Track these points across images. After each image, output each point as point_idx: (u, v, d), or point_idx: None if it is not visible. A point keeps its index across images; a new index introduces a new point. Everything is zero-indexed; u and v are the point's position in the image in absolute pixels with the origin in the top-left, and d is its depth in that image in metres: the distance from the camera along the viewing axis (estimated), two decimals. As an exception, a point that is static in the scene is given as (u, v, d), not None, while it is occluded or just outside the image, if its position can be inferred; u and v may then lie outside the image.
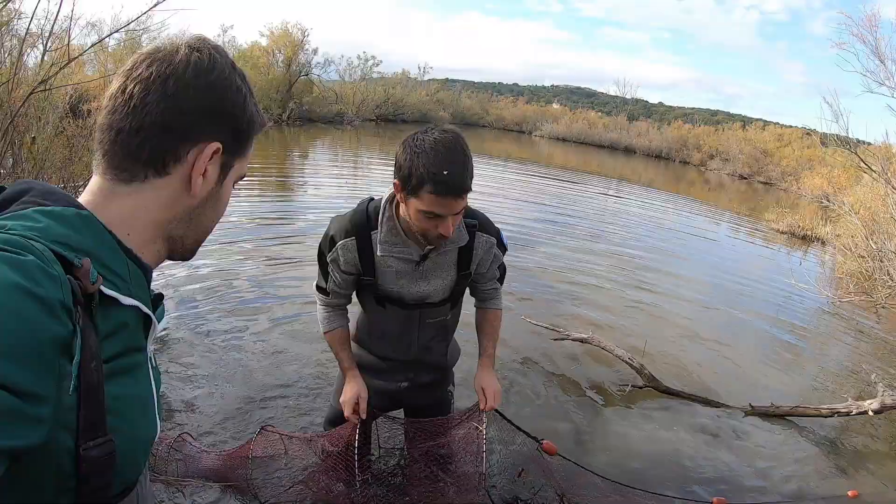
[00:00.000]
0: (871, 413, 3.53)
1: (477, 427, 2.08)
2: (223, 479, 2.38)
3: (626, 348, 4.05)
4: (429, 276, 1.86)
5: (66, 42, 5.30)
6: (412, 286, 1.87)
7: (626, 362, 3.88)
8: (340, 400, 1.97)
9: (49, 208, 0.62)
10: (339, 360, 2.02)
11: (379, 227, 1.76)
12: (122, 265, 0.66)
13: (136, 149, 0.68)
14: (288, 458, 2.38)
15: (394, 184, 1.64)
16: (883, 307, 6.29)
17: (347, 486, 2.10)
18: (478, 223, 1.85)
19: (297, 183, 10.55)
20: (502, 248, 1.95)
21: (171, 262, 0.80)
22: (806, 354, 5.21)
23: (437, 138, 1.55)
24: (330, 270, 1.87)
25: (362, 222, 1.78)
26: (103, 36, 6.70)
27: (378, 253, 1.78)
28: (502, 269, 2.02)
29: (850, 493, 2.97)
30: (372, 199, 1.84)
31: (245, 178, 0.84)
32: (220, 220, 0.82)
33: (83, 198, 0.70)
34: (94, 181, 0.71)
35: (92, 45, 6.76)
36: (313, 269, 2.00)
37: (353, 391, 1.95)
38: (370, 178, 12.28)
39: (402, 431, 2.32)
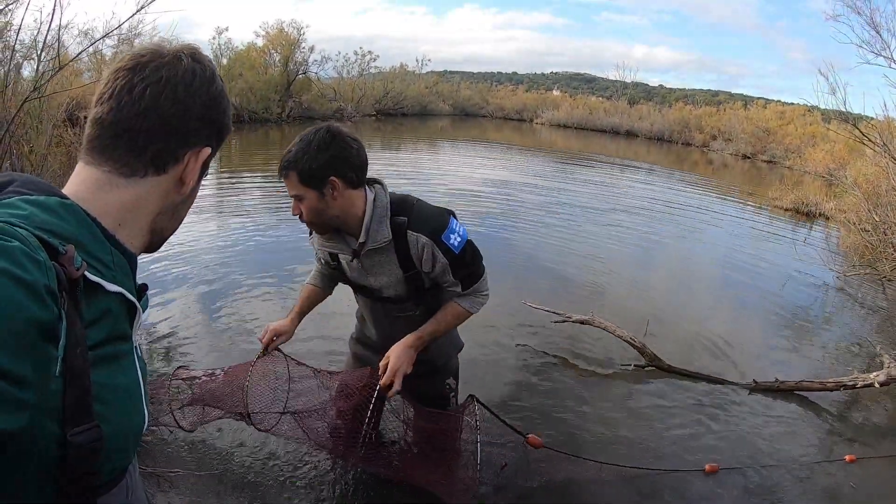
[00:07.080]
0: (877, 385, 3.51)
1: (469, 422, 2.04)
2: (220, 406, 2.14)
3: (629, 326, 4.04)
4: (370, 273, 1.85)
5: (58, 52, 5.35)
6: (360, 279, 1.90)
7: (628, 342, 3.87)
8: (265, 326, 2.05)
9: (33, 197, 0.63)
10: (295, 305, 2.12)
11: None
12: (106, 253, 0.67)
13: (140, 147, 0.72)
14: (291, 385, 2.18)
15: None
16: (888, 280, 6.24)
17: (350, 442, 2.03)
18: (407, 220, 1.73)
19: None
20: (448, 254, 1.74)
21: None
22: (811, 329, 5.17)
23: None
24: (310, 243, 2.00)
25: None
26: (94, 41, 6.77)
27: (315, 246, 1.84)
28: (466, 274, 1.82)
29: (847, 457, 2.98)
30: None
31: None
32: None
33: (69, 186, 0.72)
34: (86, 171, 0.72)
35: (82, 51, 6.83)
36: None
37: (277, 324, 2.03)
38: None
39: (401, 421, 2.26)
